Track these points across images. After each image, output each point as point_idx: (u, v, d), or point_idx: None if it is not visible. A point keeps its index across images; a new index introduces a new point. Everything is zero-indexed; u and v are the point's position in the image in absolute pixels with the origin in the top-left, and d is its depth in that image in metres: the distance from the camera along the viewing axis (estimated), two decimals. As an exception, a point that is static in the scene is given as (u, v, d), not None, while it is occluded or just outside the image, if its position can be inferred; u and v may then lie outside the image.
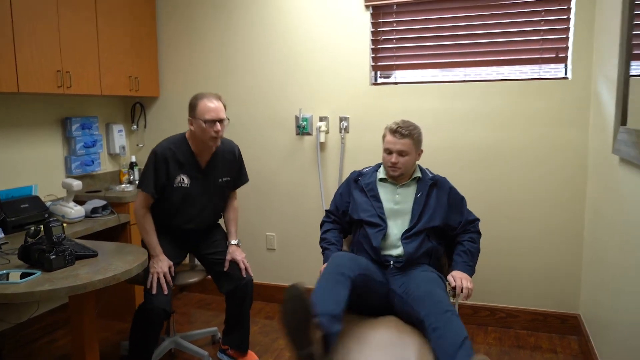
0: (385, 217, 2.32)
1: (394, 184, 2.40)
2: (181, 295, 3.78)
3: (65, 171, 3.30)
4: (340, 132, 3.34)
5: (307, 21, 3.34)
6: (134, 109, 3.81)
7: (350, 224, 2.49)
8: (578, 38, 2.85)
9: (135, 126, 3.80)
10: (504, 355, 2.82)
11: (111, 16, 3.22)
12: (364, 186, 2.42)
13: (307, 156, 3.45)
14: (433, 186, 2.37)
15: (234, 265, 2.60)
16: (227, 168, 2.67)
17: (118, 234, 3.11)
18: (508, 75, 3.08)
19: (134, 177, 3.64)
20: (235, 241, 2.71)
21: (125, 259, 2.13)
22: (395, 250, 2.29)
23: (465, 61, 3.10)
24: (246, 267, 2.61)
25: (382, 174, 2.43)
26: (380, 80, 3.32)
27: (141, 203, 2.53)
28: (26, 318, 3.02)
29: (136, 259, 2.14)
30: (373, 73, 3.29)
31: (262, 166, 3.54)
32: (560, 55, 2.93)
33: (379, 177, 2.43)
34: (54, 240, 1.98)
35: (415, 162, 2.40)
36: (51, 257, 1.95)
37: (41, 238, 2.06)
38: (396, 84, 3.25)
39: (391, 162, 2.32)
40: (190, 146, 2.55)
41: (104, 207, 3.03)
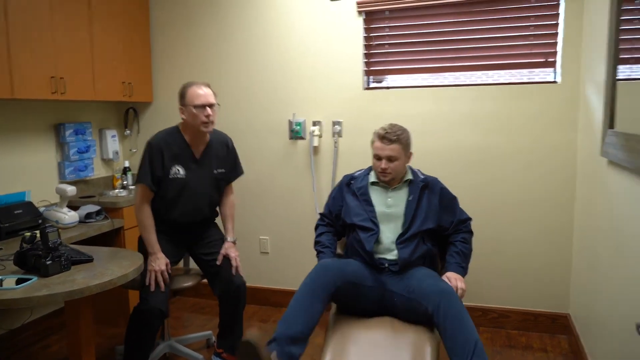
0: (378, 221, 2.34)
1: (385, 187, 2.42)
2: (175, 300, 3.78)
3: (58, 177, 3.30)
4: (334, 136, 3.37)
5: (300, 26, 3.37)
6: (127, 114, 3.81)
7: (343, 227, 2.51)
8: (567, 43, 2.90)
9: (129, 131, 3.81)
10: (496, 355, 2.85)
11: (105, 22, 3.23)
12: (355, 190, 2.44)
13: (301, 160, 3.47)
14: (424, 188, 2.38)
15: (227, 269, 2.61)
16: (221, 159, 2.68)
17: (112, 239, 3.11)
18: (498, 79, 3.13)
19: (127, 182, 3.64)
20: (231, 238, 2.72)
21: (121, 264, 2.14)
22: (389, 253, 2.31)
23: (456, 66, 3.14)
24: (237, 266, 2.62)
25: (373, 177, 2.45)
26: (372, 85, 3.36)
27: (140, 197, 2.53)
28: (19, 324, 3.01)
29: (132, 263, 2.15)
30: (366, 78, 3.32)
31: (256, 170, 3.56)
32: (550, 60, 2.98)
33: (370, 181, 2.44)
34: (50, 245, 1.99)
35: (405, 165, 2.41)
36: (47, 262, 1.96)
37: (36, 244, 2.06)
38: (388, 88, 3.29)
39: (381, 167, 2.33)
40: (184, 137, 2.56)
41: (97, 213, 3.03)
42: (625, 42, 2.04)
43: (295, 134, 3.43)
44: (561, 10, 2.90)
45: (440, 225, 2.39)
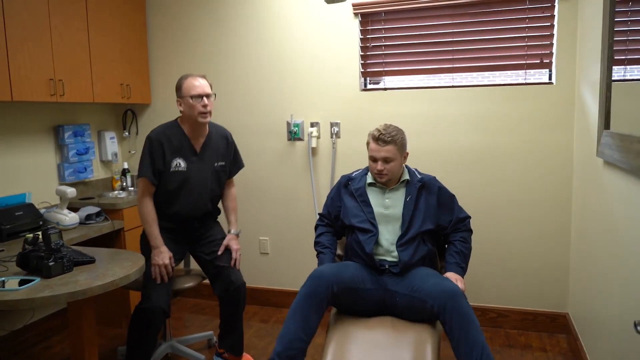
0: (376, 223, 2.34)
1: (382, 188, 2.42)
2: (176, 300, 3.79)
3: (58, 178, 3.31)
4: (332, 137, 3.40)
5: (297, 28, 3.39)
6: (126, 115, 3.83)
7: (343, 228, 2.52)
8: (562, 44, 2.93)
9: (127, 133, 3.82)
10: (495, 355, 2.87)
11: (102, 25, 3.25)
12: (353, 191, 2.43)
13: (299, 161, 3.49)
14: (421, 188, 2.38)
15: (228, 269, 2.62)
16: (221, 153, 2.70)
17: (112, 240, 3.12)
18: (494, 81, 3.15)
19: (126, 183, 3.66)
20: (234, 230, 2.75)
21: (123, 265, 2.15)
22: (389, 255, 2.31)
23: (452, 67, 3.17)
24: (237, 260, 2.65)
25: (370, 178, 2.44)
26: (369, 86, 3.38)
27: (142, 191, 2.54)
28: (21, 325, 3.02)
29: (134, 264, 2.16)
30: (363, 79, 3.35)
31: (255, 171, 3.58)
32: (545, 61, 3.01)
33: (367, 182, 2.44)
34: (53, 247, 2.00)
35: (401, 165, 2.40)
36: (50, 263, 1.97)
37: (39, 245, 2.07)
38: (385, 89, 3.32)
39: (377, 169, 2.33)
40: (183, 130, 2.58)
41: (97, 214, 3.05)
42: (620, 43, 2.06)
43: (294, 135, 3.45)
44: (556, 11, 2.93)
45: (439, 225, 2.40)
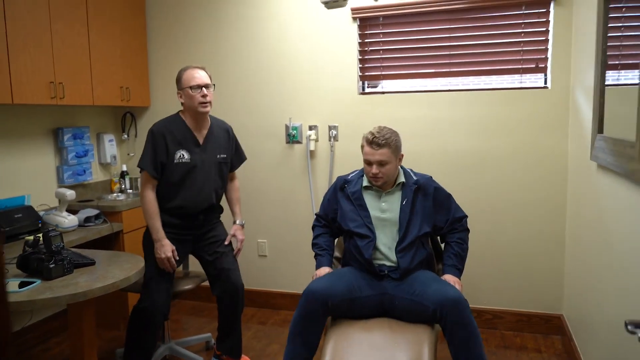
0: (373, 227, 2.34)
1: (378, 191, 2.41)
2: (174, 302, 3.80)
3: (57, 181, 3.32)
4: (330, 141, 3.42)
5: (296, 32, 3.42)
6: (125, 118, 3.84)
7: (339, 230, 2.52)
8: (557, 49, 2.97)
9: (126, 135, 3.84)
10: (490, 356, 2.90)
11: (103, 28, 3.27)
12: (350, 195, 2.43)
13: (298, 164, 3.52)
14: (417, 191, 2.37)
15: (227, 270, 2.64)
16: (223, 145, 2.71)
17: (112, 242, 3.14)
18: (490, 84, 3.19)
19: (125, 186, 3.68)
20: (240, 221, 2.80)
21: (123, 267, 2.17)
22: (387, 260, 2.32)
23: (448, 71, 3.20)
24: (240, 250, 2.75)
25: (366, 181, 2.43)
26: (368, 90, 3.41)
27: (144, 184, 2.54)
28: (20, 327, 3.03)
29: (133, 266, 2.19)
30: (361, 83, 3.38)
31: (254, 174, 3.60)
32: (540, 66, 3.04)
33: (363, 185, 2.43)
34: (53, 249, 2.02)
35: (397, 167, 2.40)
36: (50, 265, 1.99)
37: (39, 247, 2.09)
38: (383, 93, 3.35)
39: (372, 173, 2.32)
40: (185, 122, 2.60)
41: (96, 216, 3.06)
42: (613, 48, 2.09)
43: (292, 138, 3.47)
44: (551, 17, 2.97)
45: (436, 225, 2.41)
